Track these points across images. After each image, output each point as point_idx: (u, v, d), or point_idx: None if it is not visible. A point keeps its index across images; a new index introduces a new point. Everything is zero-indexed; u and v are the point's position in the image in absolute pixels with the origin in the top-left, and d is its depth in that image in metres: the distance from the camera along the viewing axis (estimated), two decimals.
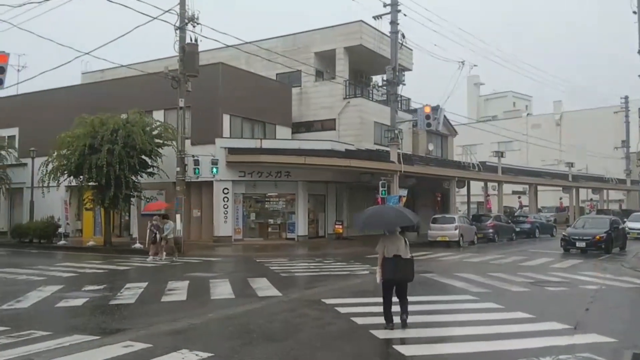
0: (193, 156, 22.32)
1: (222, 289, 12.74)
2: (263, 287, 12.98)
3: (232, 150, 25.17)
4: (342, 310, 10.13)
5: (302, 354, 7.53)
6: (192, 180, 23.23)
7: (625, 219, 31.35)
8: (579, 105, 70.53)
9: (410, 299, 9.01)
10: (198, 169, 22.25)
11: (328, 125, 31.66)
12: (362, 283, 13.85)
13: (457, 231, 25.38)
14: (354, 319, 9.37)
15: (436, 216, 27.55)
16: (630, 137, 49.56)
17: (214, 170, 23.04)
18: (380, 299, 8.86)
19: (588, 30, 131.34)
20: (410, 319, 8.72)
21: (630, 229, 28.38)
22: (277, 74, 32.21)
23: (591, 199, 54.19)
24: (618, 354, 7.26)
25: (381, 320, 8.87)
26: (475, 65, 30.24)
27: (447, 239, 25.29)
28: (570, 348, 7.59)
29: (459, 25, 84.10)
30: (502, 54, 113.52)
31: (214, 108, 26.37)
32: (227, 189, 25.61)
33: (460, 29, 69.45)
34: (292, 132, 31.21)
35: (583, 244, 22.07)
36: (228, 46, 25.81)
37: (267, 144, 26.09)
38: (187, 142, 23.19)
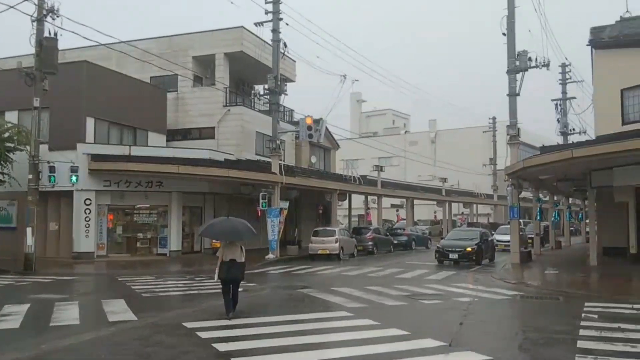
0: (48, 162, 19.90)
1: (67, 314, 10.99)
2: (117, 310, 11.39)
3: (96, 157, 22.88)
4: (204, 335, 8.95)
5: None
6: (47, 189, 20.73)
7: (493, 232, 33.00)
8: (454, 124, 74.59)
9: (284, 317, 10.05)
10: (54, 176, 19.89)
11: (207, 133, 30.16)
12: None
13: (337, 244, 25.07)
14: (215, 345, 8.25)
15: (317, 229, 27.08)
16: (498, 155, 52.94)
17: (73, 178, 20.73)
18: (250, 320, 9.78)
19: (466, 52, 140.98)
20: (282, 342, 8.29)
21: (498, 241, 29.78)
22: (151, 77, 30.25)
23: (462, 213, 57.20)
24: None
25: (248, 346, 8.19)
26: (356, 80, 30.55)
27: (328, 252, 24.92)
28: None
29: (344, 42, 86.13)
30: (383, 72, 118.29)
31: (77, 110, 23.99)
32: (90, 200, 23.20)
33: (345, 45, 70.94)
34: (168, 140, 29.33)
35: (455, 256, 22.61)
36: (98, 45, 23.70)
37: (136, 151, 24.03)
38: (44, 147, 20.73)
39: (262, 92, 27.24)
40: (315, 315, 10.82)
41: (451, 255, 22.72)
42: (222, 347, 8.14)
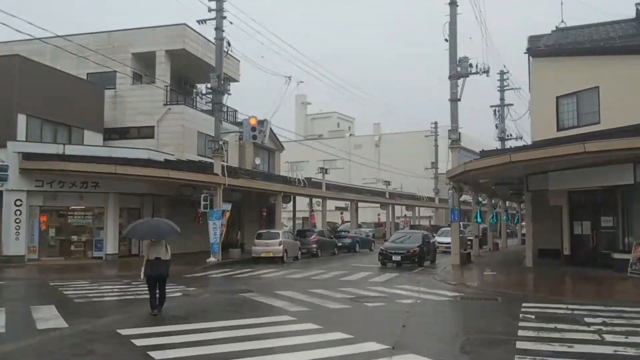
0: None
1: None
2: (47, 317, 10.75)
3: (27, 156, 21.69)
4: (140, 342, 8.54)
5: None
6: None
7: (435, 234, 33.61)
8: (398, 128, 75.92)
9: (225, 323, 9.88)
10: None
11: (146, 132, 29.21)
12: (172, 307, 12.21)
13: (281, 247, 24.82)
14: (151, 353, 7.87)
15: (261, 232, 26.75)
16: (439, 159, 54.11)
17: (2, 178, 19.55)
18: (188, 326, 9.65)
19: (410, 61, 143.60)
20: (222, 349, 8.06)
21: (439, 243, 30.34)
22: (88, 74, 29.03)
23: (405, 215, 58.10)
24: None
25: (186, 353, 7.87)
26: (301, 82, 30.32)
27: (272, 255, 24.62)
28: None
29: (290, 44, 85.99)
30: (330, 75, 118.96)
31: (7, 106, 22.75)
32: (21, 201, 21.96)
33: (291, 47, 70.72)
34: (105, 139, 28.23)
35: (399, 258, 22.83)
36: (33, 39, 22.45)
37: (71, 150, 22.94)
38: None
39: (204, 92, 26.62)
40: (257, 320, 10.55)
41: (394, 257, 22.92)
42: (158, 355, 7.77)
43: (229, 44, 24.96)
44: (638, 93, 18.37)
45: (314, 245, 28.99)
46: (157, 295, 11.31)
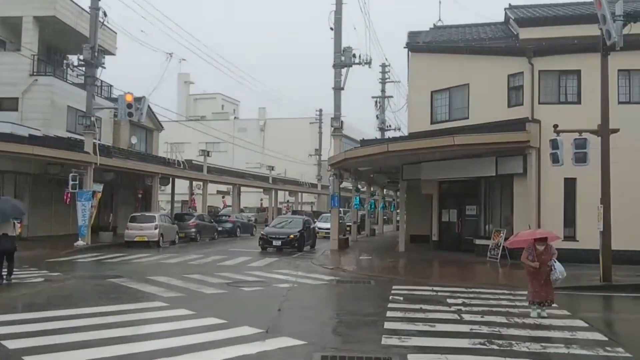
0: None
1: None
2: None
3: None
4: None
5: None
6: None
7: (316, 220, 34.26)
8: (283, 114, 75.92)
9: (89, 310, 9.58)
10: None
11: (9, 105, 26.56)
12: (31, 294, 11.31)
13: (157, 230, 23.88)
14: (4, 342, 7.25)
15: (135, 214, 25.54)
16: (323, 146, 55.12)
17: None
18: (48, 313, 9.30)
19: (301, 42, 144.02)
20: (84, 336, 7.65)
21: (319, 228, 30.97)
22: None
23: (288, 201, 58.68)
24: (308, 358, 6.84)
25: (44, 342, 7.30)
26: (184, 59, 29.45)
27: (147, 239, 23.60)
28: (261, 356, 6.99)
29: (173, 20, 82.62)
30: (213, 54, 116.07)
31: None
32: None
33: (175, 24, 67.97)
34: None
35: (279, 243, 22.97)
36: None
37: None
38: None
39: (76, 63, 24.76)
40: (126, 307, 10.04)
41: (275, 242, 23.01)
42: (12, 344, 7.15)
43: (105, 14, 23.41)
44: (502, 91, 19.88)
45: (193, 230, 28.29)
46: (6, 269, 12.69)
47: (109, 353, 6.86)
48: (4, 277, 12.58)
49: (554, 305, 9.89)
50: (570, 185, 18.27)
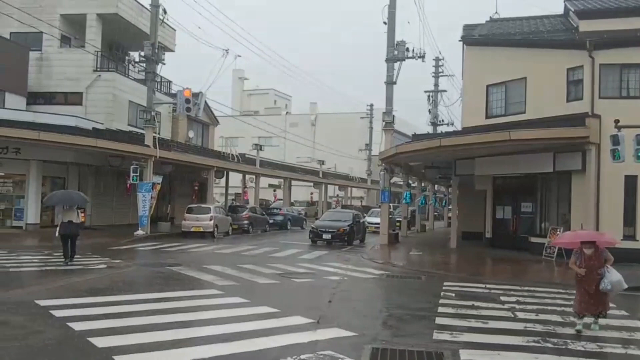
0: None
1: None
2: None
3: None
4: (58, 313, 8.28)
5: None
6: None
7: (366, 214, 34.27)
8: (335, 109, 76.01)
9: (149, 295, 10.11)
10: None
11: (73, 99, 27.84)
12: (95, 279, 11.91)
13: (212, 222, 24.54)
14: (71, 324, 7.64)
15: (191, 206, 26.31)
16: (373, 141, 54.91)
17: None
18: (111, 298, 9.77)
19: (352, 38, 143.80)
20: (145, 320, 7.99)
21: (369, 223, 30.99)
22: (11, 33, 27.26)
23: (337, 195, 58.83)
24: (358, 349, 6.95)
25: (107, 325, 7.64)
26: (239, 56, 29.70)
27: (202, 230, 24.30)
28: (312, 345, 7.12)
29: (230, 17, 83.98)
30: (268, 51, 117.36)
31: None
32: None
33: (231, 20, 69.19)
34: (28, 103, 26.73)
35: (329, 236, 23.15)
36: None
37: None
38: None
39: (137, 60, 25.66)
40: (184, 293, 10.44)
41: (324, 236, 23.22)
42: (78, 326, 7.56)
43: (165, 12, 24.18)
44: (561, 85, 19.32)
45: (246, 222, 28.87)
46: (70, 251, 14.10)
47: (168, 337, 7.18)
48: (69, 257, 14.04)
49: (611, 305, 9.62)
50: (631, 182, 17.62)
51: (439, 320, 8.75)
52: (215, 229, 24.83)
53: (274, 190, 53.74)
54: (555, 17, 24.72)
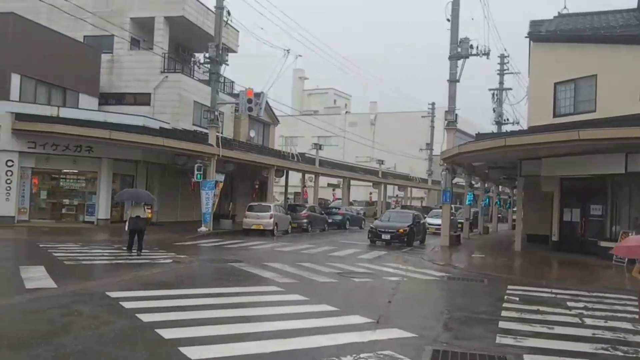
0: None
1: None
2: (36, 277, 10.82)
3: (20, 117, 21.55)
4: (128, 305, 8.64)
5: None
6: None
7: (426, 215, 33.79)
8: (395, 107, 75.39)
9: (212, 290, 10.43)
10: None
11: (142, 99, 28.99)
12: (162, 273, 12.36)
13: (272, 220, 24.88)
14: (139, 315, 7.96)
15: (252, 204, 26.78)
16: (435, 140, 54.10)
17: None
18: (177, 291, 10.10)
19: (412, 37, 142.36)
20: (208, 314, 8.24)
21: (429, 224, 30.51)
22: (85, 36, 28.67)
23: (397, 195, 58.32)
24: (418, 350, 6.89)
25: (173, 317, 7.94)
26: (300, 56, 30.11)
27: (262, 228, 24.69)
28: (372, 344, 7.09)
29: (290, 17, 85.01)
30: (329, 50, 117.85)
31: (1, 65, 22.40)
32: (12, 162, 21.90)
33: (291, 20, 69.98)
34: (100, 104, 28.05)
35: (388, 237, 22.97)
36: None
37: (66, 112, 22.81)
38: None
39: (202, 61, 26.38)
40: (245, 289, 10.67)
41: (384, 236, 23.07)
42: (146, 317, 7.86)
43: (228, 13, 24.73)
44: (635, 83, 18.38)
45: (305, 220, 29.11)
46: (136, 244, 15.26)
47: (231, 331, 7.36)
48: (135, 251, 15.15)
49: None
50: None
51: (502, 324, 8.54)
52: (275, 227, 25.17)
53: (333, 190, 53.92)
54: (628, 12, 23.50)
